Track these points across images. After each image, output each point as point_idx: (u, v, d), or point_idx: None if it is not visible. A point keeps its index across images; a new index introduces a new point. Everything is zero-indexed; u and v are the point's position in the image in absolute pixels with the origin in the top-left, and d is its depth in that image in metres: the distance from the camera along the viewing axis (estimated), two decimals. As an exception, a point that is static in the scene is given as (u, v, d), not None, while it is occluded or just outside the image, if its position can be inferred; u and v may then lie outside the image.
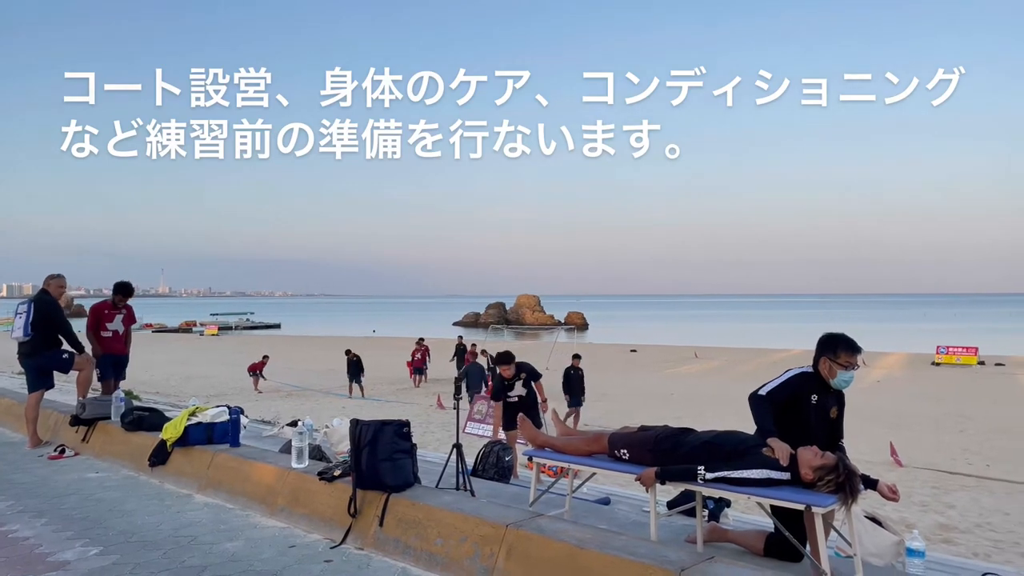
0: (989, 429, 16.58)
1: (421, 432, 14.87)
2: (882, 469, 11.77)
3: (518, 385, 8.71)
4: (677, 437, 4.41)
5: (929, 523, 8.65)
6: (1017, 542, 8.06)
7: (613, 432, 4.78)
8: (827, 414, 4.48)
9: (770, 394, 4.33)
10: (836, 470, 3.89)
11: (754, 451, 4.10)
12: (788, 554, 4.38)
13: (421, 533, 4.43)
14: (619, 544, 3.77)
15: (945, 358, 35.44)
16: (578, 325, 74.38)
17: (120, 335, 8.73)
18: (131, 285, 8.85)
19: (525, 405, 8.54)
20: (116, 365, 8.70)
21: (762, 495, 3.96)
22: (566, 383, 16.00)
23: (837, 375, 4.32)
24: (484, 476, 6.98)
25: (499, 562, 3.98)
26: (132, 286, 8.86)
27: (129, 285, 8.80)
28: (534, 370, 8.78)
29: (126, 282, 8.79)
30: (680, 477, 4.17)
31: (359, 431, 4.92)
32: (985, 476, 11.55)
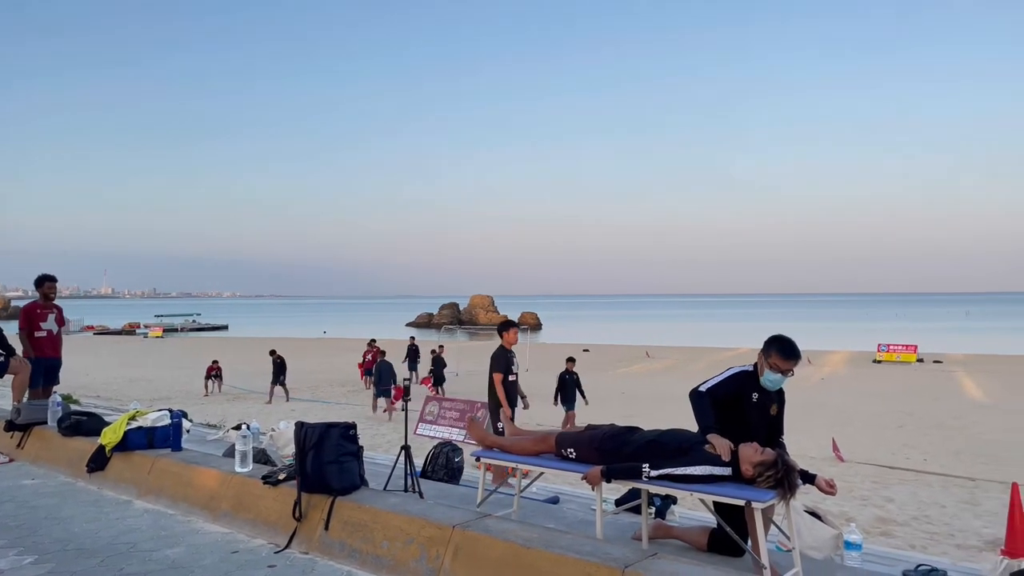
0: (927, 424, 17.12)
1: (371, 434, 14.75)
2: (825, 464, 12.06)
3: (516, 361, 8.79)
4: (623, 436, 4.46)
5: (868, 516, 8.89)
6: (952, 534, 8.32)
7: (560, 432, 4.82)
8: (767, 411, 4.57)
9: (710, 391, 4.40)
10: (775, 466, 3.97)
11: (697, 448, 4.17)
12: (730, 549, 4.46)
13: (367, 536, 4.40)
14: (565, 543, 3.79)
15: (886, 356, 36.48)
16: (532, 325, 74.62)
17: (55, 335, 8.45)
18: (53, 276, 8.40)
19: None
20: (49, 371, 8.41)
21: (704, 491, 4.03)
22: (560, 387, 15.46)
23: (765, 374, 4.41)
24: (433, 477, 6.96)
25: (445, 563, 3.98)
26: (54, 277, 8.40)
27: (50, 276, 8.36)
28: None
29: (47, 274, 8.37)
30: (626, 475, 4.21)
31: (304, 434, 4.86)
32: (923, 470, 11.92)
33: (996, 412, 19.21)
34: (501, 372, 8.55)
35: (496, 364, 8.62)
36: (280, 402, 20.74)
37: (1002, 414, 18.79)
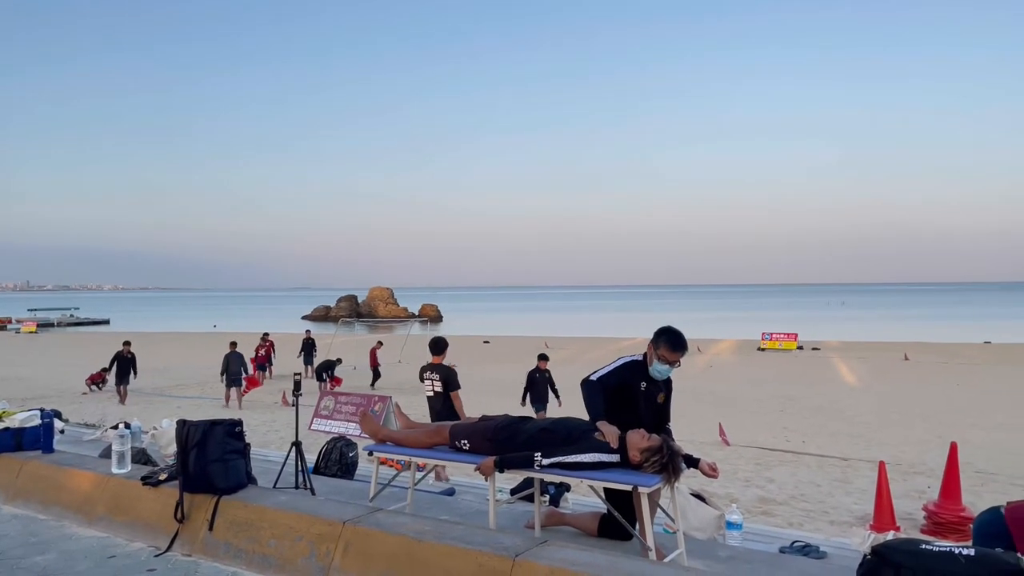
0: (806, 408, 18.08)
1: (264, 431, 14.33)
2: (712, 448, 12.56)
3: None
4: (515, 425, 4.50)
5: (751, 497, 9.32)
6: (826, 511, 8.83)
7: (454, 423, 4.82)
8: (655, 399, 4.72)
9: (600, 380, 4.51)
10: (661, 451, 4.10)
11: (587, 436, 4.26)
12: (620, 533, 4.59)
13: (254, 535, 4.27)
14: (457, 534, 3.80)
15: (769, 344, 38.32)
16: (432, 317, 74.30)
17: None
18: None
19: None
20: None
21: (593, 478, 4.12)
22: (530, 387, 13.90)
23: (654, 364, 4.56)
24: (327, 473, 6.84)
25: (335, 560, 3.91)
26: None
27: None
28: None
29: None
30: (518, 464, 4.26)
31: (186, 432, 4.67)
32: (802, 451, 12.57)
33: (867, 395, 20.51)
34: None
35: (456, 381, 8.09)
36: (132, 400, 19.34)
37: (872, 397, 20.08)
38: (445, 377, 7.92)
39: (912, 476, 10.58)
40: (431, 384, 7.97)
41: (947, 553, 2.75)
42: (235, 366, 18.78)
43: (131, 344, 20.18)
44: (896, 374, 26.06)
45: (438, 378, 7.93)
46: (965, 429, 14.51)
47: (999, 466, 11.35)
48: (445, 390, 7.87)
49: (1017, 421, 15.68)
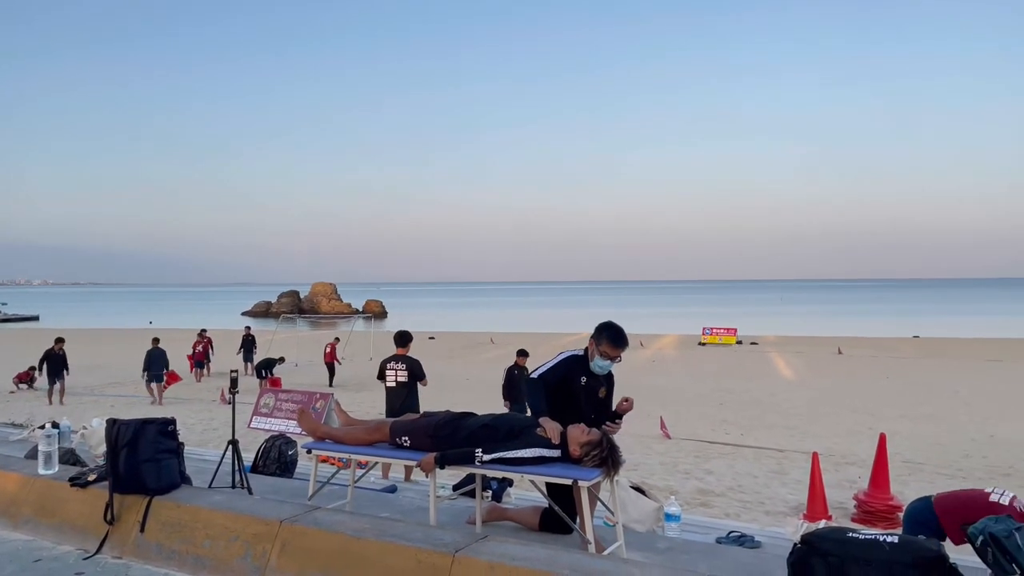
0: (744, 401, 18.50)
1: (202, 429, 14.01)
2: (653, 442, 12.75)
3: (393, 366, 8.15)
4: (457, 422, 4.49)
5: (690, 488, 9.50)
6: (762, 502, 9.05)
7: (395, 420, 4.78)
8: (596, 394, 4.77)
9: (542, 376, 4.54)
10: (600, 445, 4.15)
11: (528, 431, 4.28)
12: (561, 527, 4.62)
13: (187, 536, 4.17)
14: (396, 531, 3.77)
15: (709, 338, 39.09)
16: (376, 313, 73.58)
17: None
18: None
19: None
20: None
21: (534, 473, 4.14)
22: (508, 385, 13.13)
23: (595, 359, 4.61)
24: (265, 472, 6.72)
25: (272, 559, 3.84)
26: None
27: None
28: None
29: None
30: (459, 461, 4.25)
31: (117, 431, 4.53)
32: (740, 444, 12.86)
33: (803, 388, 21.10)
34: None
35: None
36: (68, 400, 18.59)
37: (808, 390, 20.66)
38: (412, 368, 8.04)
39: (844, 467, 10.92)
40: (395, 374, 8.04)
41: (872, 540, 2.84)
42: (156, 363, 18.68)
43: (64, 341, 19.47)
44: (830, 368, 26.87)
45: (403, 367, 8.02)
46: (894, 420, 15.04)
47: (926, 456, 11.80)
48: (410, 380, 7.99)
49: (943, 412, 16.32)
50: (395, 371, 8.05)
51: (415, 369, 8.05)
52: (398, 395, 8.06)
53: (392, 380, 8.07)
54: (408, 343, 8.35)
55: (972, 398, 18.61)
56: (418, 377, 8.05)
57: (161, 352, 18.87)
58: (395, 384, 8.05)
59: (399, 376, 8.01)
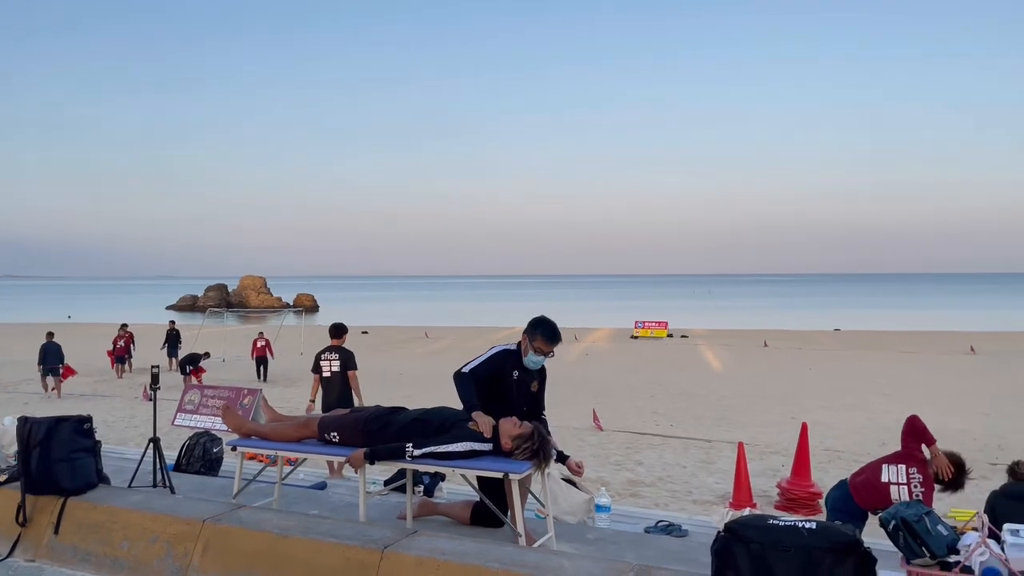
0: (674, 393, 18.88)
1: (123, 427, 13.53)
2: (586, 433, 12.89)
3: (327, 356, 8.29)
4: (387, 417, 4.45)
5: (621, 479, 9.65)
6: (690, 491, 9.26)
7: (323, 416, 4.70)
8: (528, 388, 4.78)
9: (473, 371, 4.53)
10: (532, 438, 4.16)
11: (459, 425, 4.26)
12: (492, 520, 4.62)
13: (104, 537, 4.02)
14: (324, 528, 3.71)
15: (641, 332, 39.75)
16: (308, 307, 72.33)
17: None
18: None
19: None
20: None
21: (465, 467, 4.13)
22: None
23: (529, 355, 4.63)
24: (189, 470, 6.54)
25: (194, 560, 3.74)
26: None
27: None
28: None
29: None
30: (389, 456, 4.21)
31: (29, 430, 4.33)
32: (669, 435, 13.12)
33: (730, 380, 21.66)
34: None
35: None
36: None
37: (735, 381, 21.22)
38: (344, 358, 8.18)
39: (768, 456, 11.26)
40: (329, 364, 8.22)
41: (792, 527, 2.93)
42: (51, 357, 18.55)
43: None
44: (756, 360, 27.65)
45: (336, 357, 8.17)
46: (816, 411, 15.57)
47: (845, 444, 12.26)
48: (343, 370, 8.11)
49: (861, 402, 16.98)
50: (329, 361, 8.23)
51: (347, 360, 8.22)
52: (333, 385, 8.22)
53: (327, 370, 8.24)
54: (343, 335, 8.51)
55: (889, 388, 19.41)
56: (349, 367, 8.20)
57: (56, 346, 18.71)
58: (330, 374, 8.21)
59: (333, 366, 8.18)
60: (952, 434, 13.03)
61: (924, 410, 16.27)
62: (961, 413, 15.14)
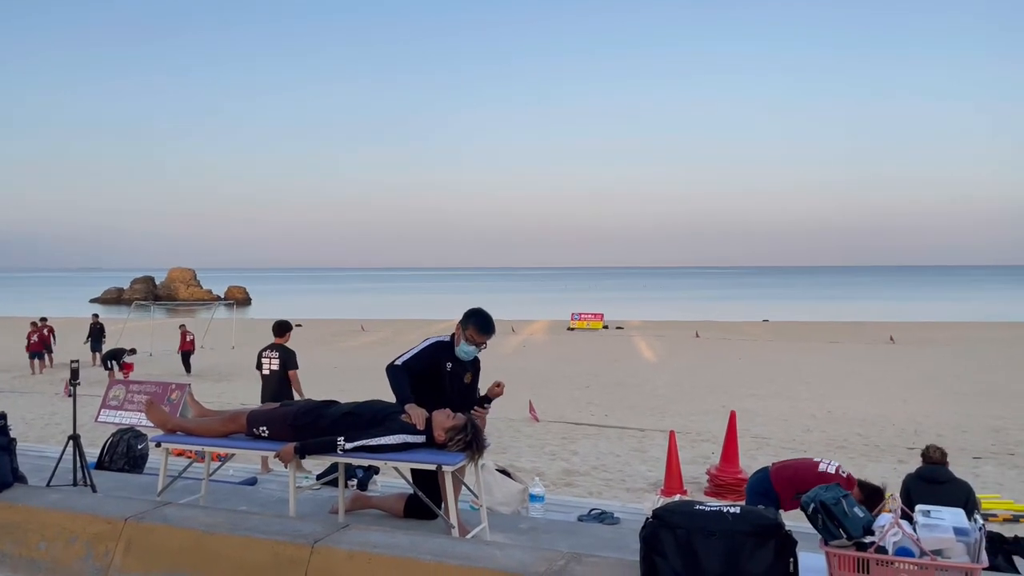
0: (609, 383, 19.14)
1: (43, 424, 13.01)
2: (523, 425, 12.97)
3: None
4: (318, 410, 4.39)
5: (556, 469, 9.74)
6: (624, 479, 9.41)
7: (252, 410, 4.61)
8: (461, 380, 4.78)
9: (405, 363, 4.51)
10: (465, 430, 4.16)
11: (392, 418, 4.24)
12: (426, 513, 4.61)
13: (20, 538, 3.86)
14: (252, 524, 3.64)
15: (578, 323, 40.16)
16: (239, 300, 70.68)
17: None
18: None
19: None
20: None
21: (398, 459, 4.11)
22: None
23: (461, 345, 4.63)
24: (112, 468, 6.34)
25: (116, 559, 3.62)
26: None
27: None
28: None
29: None
30: (320, 450, 4.16)
31: (-64, 429, 4.12)
32: (604, 424, 13.31)
33: (663, 370, 22.08)
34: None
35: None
36: None
37: (668, 371, 21.65)
38: (284, 357, 8.16)
39: (699, 443, 11.52)
40: (269, 363, 8.17)
41: (716, 512, 3.01)
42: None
43: None
44: (688, 350, 28.25)
45: (276, 356, 8.14)
46: (744, 399, 16.01)
47: (772, 431, 12.64)
48: (282, 369, 8.09)
49: (788, 390, 17.53)
50: (269, 359, 8.19)
51: (287, 359, 8.20)
52: (271, 383, 8.19)
53: (267, 368, 8.22)
54: (286, 333, 8.49)
55: (813, 377, 20.09)
56: (289, 366, 8.18)
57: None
58: (269, 372, 8.18)
59: (272, 364, 8.15)
60: (872, 420, 13.59)
61: (844, 399, 17.02)
62: (881, 400, 15.77)
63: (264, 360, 8.23)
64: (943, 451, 5.72)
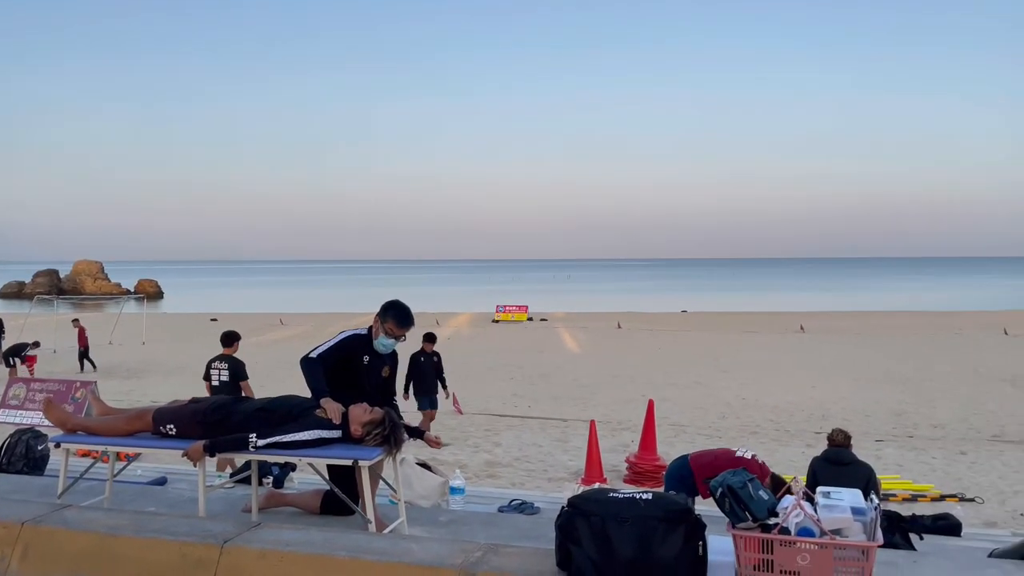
0: (533, 375, 19.29)
1: (-67, 427, 12.23)
2: (446, 417, 12.92)
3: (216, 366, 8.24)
4: (229, 406, 4.26)
5: (479, 461, 9.76)
6: (546, 469, 9.51)
7: (159, 407, 4.44)
8: (379, 374, 4.72)
9: (321, 356, 4.43)
10: (382, 424, 4.11)
11: (307, 413, 4.15)
12: (343, 509, 4.54)
13: (-96, 549, 3.61)
14: (158, 525, 3.51)
15: (503, 316, 40.32)
16: (150, 294, 68.08)
17: None
18: None
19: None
20: None
21: (313, 455, 4.03)
22: (414, 375, 10.86)
23: (379, 338, 4.58)
24: (11, 470, 6.02)
25: (12, 565, 3.44)
26: None
27: None
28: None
29: None
30: (231, 447, 4.05)
31: None
32: (527, 416, 13.42)
33: (586, 361, 22.39)
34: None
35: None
36: None
37: (591, 362, 21.96)
38: (234, 367, 8.20)
39: (620, 432, 11.74)
40: (218, 374, 8.19)
41: (630, 499, 3.07)
42: None
43: None
44: (611, 341, 28.73)
45: (226, 367, 8.17)
46: (664, 388, 16.39)
47: (690, 419, 12.99)
48: (233, 380, 8.11)
49: (705, 379, 18.04)
50: (218, 371, 8.23)
51: (237, 370, 8.22)
52: (221, 394, 8.12)
53: (216, 379, 8.22)
54: (234, 343, 8.55)
55: (729, 366, 20.73)
56: (240, 377, 8.19)
57: None
58: (218, 384, 8.17)
59: (222, 376, 8.17)
60: (783, 407, 14.13)
61: (758, 385, 17.61)
62: (791, 387, 16.41)
63: (213, 371, 8.25)
64: (847, 434, 5.99)
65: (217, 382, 8.17)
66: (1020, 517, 7.46)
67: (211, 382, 8.24)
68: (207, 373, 8.32)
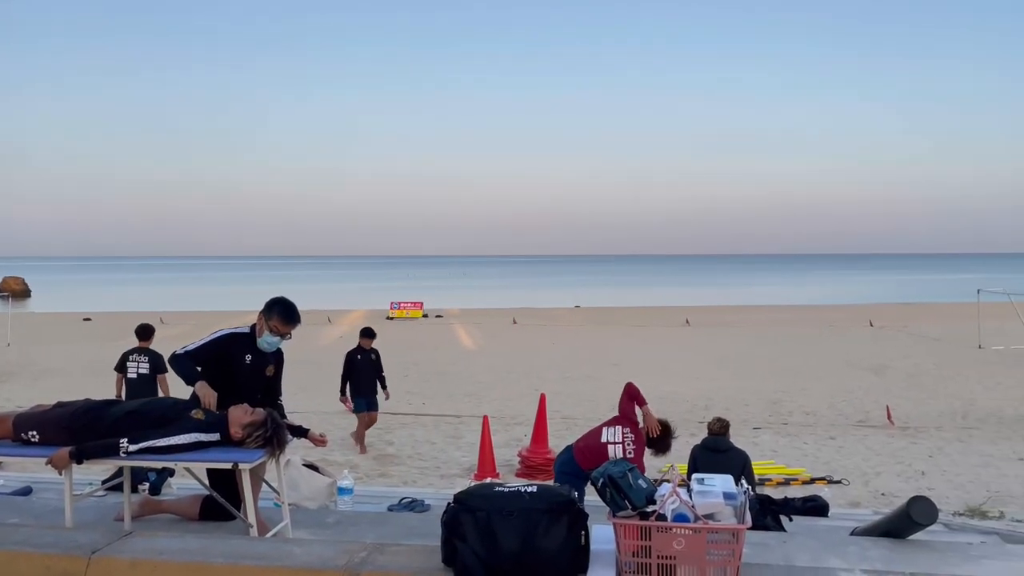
0: (428, 372, 19.20)
1: None
2: (337, 418, 12.69)
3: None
4: (97, 410, 4.04)
5: (371, 460, 9.65)
6: (439, 466, 9.50)
7: (19, 412, 4.16)
8: (263, 373, 4.59)
9: (190, 354, 4.30)
10: (264, 425, 4.00)
11: (182, 416, 3.99)
12: (223, 514, 4.39)
13: None
14: (19, 537, 3.31)
15: (397, 312, 39.89)
16: (16, 292, 63.50)
17: None
18: None
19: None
20: None
21: (190, 459, 3.88)
22: (352, 374, 10.29)
23: (264, 336, 4.46)
24: None
25: None
26: None
27: None
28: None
29: None
30: (99, 454, 3.85)
31: None
32: (421, 413, 13.35)
33: (481, 357, 22.49)
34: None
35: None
36: None
37: (485, 358, 22.07)
38: (154, 360, 8.37)
39: (513, 427, 11.86)
40: (136, 366, 8.36)
41: (515, 492, 3.11)
42: None
43: None
44: (506, 337, 28.97)
45: (146, 360, 8.38)
46: (556, 382, 16.67)
47: (581, 411, 13.26)
48: (152, 373, 8.30)
49: (596, 372, 18.46)
50: (137, 363, 8.41)
51: (158, 363, 8.27)
52: (139, 388, 8.20)
53: (133, 372, 8.30)
54: (151, 336, 8.80)
55: (619, 359, 21.29)
56: (160, 370, 8.25)
57: None
58: (136, 376, 8.25)
59: (140, 368, 8.35)
60: (668, 397, 14.64)
61: (646, 377, 18.12)
62: (676, 378, 17.03)
63: (131, 364, 8.39)
64: (724, 423, 6.29)
65: (135, 374, 8.27)
66: (881, 496, 8.02)
67: (127, 374, 8.31)
68: (122, 365, 8.39)
